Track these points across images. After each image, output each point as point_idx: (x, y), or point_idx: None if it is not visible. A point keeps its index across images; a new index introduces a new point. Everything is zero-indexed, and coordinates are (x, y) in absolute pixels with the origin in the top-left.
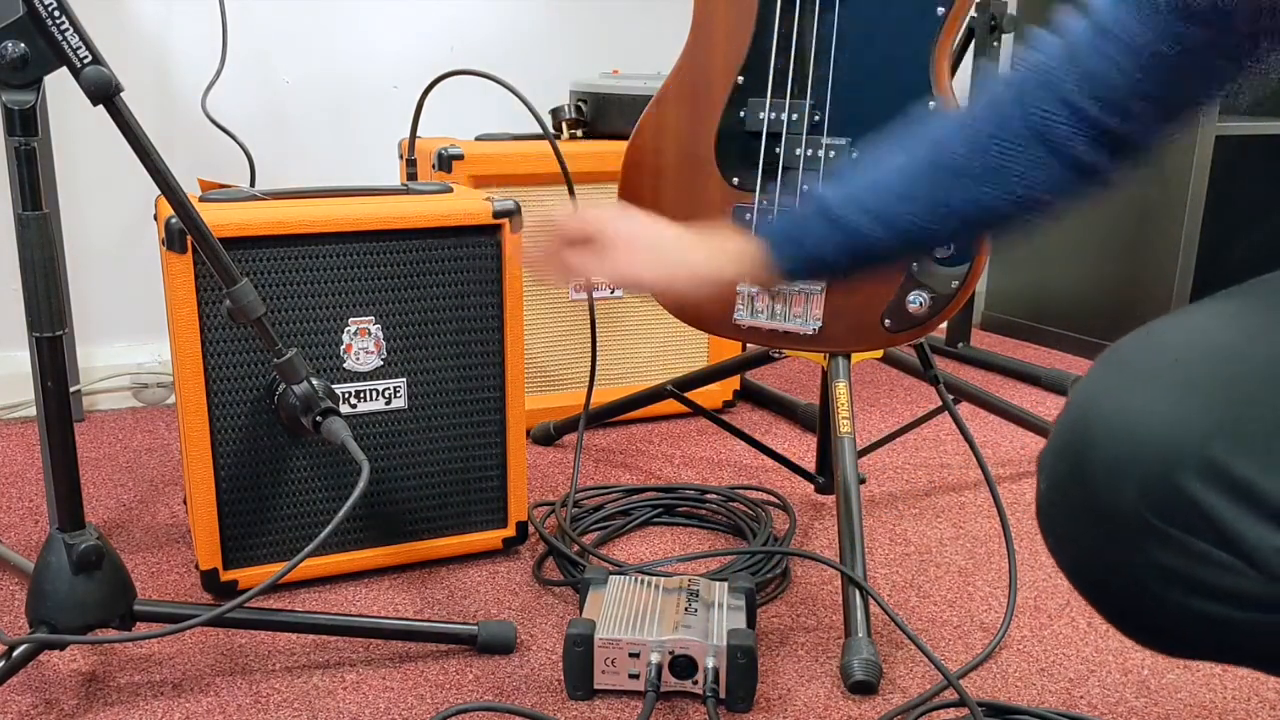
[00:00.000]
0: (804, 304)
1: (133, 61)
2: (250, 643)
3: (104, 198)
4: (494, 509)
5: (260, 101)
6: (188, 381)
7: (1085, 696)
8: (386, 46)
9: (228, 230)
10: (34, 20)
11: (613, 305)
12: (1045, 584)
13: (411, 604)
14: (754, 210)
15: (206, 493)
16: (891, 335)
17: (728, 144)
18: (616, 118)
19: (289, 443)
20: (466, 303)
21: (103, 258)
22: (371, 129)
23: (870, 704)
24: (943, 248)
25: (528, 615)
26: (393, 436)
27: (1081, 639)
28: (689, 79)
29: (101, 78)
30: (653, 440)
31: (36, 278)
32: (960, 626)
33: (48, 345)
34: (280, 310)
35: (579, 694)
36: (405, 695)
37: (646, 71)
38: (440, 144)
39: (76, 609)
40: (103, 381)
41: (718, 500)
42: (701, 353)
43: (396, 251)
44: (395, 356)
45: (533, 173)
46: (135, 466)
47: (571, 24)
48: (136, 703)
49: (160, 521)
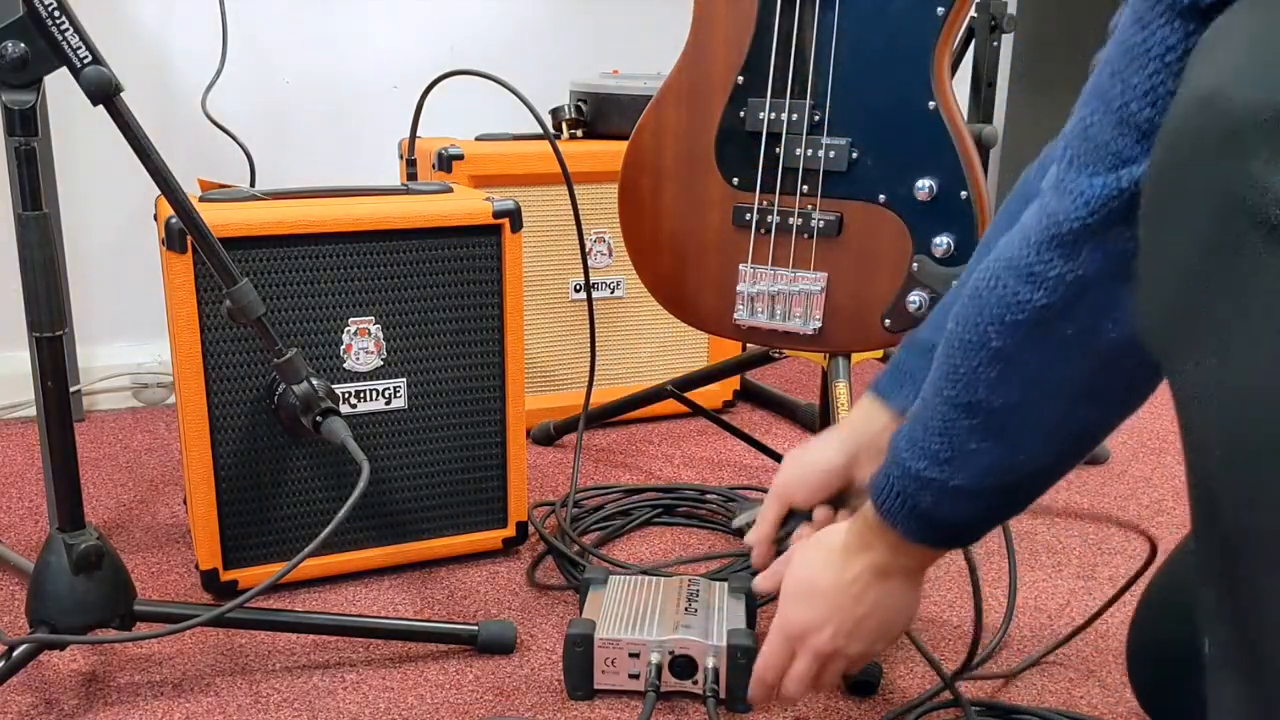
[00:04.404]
0: (804, 304)
1: (133, 61)
2: (250, 643)
3: (104, 198)
4: (494, 509)
5: (260, 101)
6: (188, 381)
7: (1085, 697)
8: (386, 46)
9: (228, 230)
10: (34, 20)
11: (613, 305)
12: (1045, 584)
13: (411, 604)
14: (754, 210)
15: (206, 493)
16: (891, 335)
17: (728, 144)
18: (616, 118)
19: (289, 443)
20: (466, 303)
21: (103, 258)
22: (371, 129)
23: (870, 704)
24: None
25: (528, 615)
26: (393, 436)
27: (1081, 639)
28: (689, 79)
29: (101, 78)
30: (653, 440)
31: (36, 278)
32: (960, 626)
33: (48, 345)
34: (280, 310)
35: (579, 694)
36: (405, 695)
37: (646, 71)
38: (440, 144)
39: (76, 609)
40: (103, 381)
41: (718, 500)
42: (701, 353)
43: (396, 251)
44: (395, 356)
45: (533, 173)
46: (135, 466)
47: (571, 24)
48: (136, 703)
49: (160, 521)
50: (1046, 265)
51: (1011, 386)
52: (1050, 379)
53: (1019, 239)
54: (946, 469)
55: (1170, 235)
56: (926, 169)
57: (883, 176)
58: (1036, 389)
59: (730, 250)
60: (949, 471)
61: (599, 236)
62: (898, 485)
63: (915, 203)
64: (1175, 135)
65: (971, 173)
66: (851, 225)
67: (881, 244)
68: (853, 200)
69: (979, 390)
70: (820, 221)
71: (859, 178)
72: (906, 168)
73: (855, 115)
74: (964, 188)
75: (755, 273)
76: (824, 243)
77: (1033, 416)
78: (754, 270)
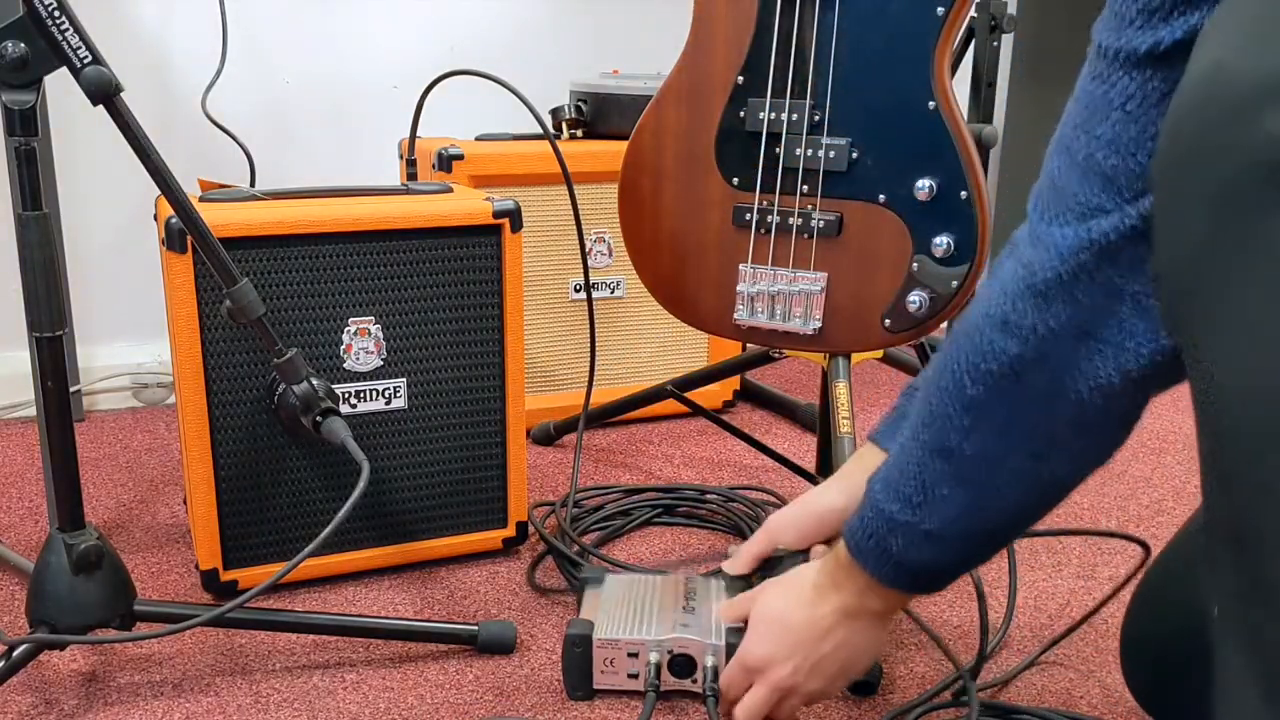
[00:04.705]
0: (804, 304)
1: (133, 61)
2: (250, 643)
3: (104, 198)
4: (494, 509)
5: (260, 101)
6: (188, 381)
7: (1085, 697)
8: (386, 46)
9: (228, 230)
10: (34, 20)
11: (613, 305)
12: (1045, 584)
13: (411, 604)
14: (754, 210)
15: (206, 493)
16: (891, 335)
17: (728, 144)
18: (616, 118)
19: (289, 443)
20: (466, 303)
21: (103, 258)
22: (371, 129)
23: (870, 704)
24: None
25: (528, 615)
26: (393, 436)
27: (1081, 639)
28: (689, 79)
29: (101, 78)
30: (653, 440)
31: (36, 278)
32: (960, 626)
33: (48, 345)
34: (280, 310)
35: (578, 694)
36: (405, 695)
37: (646, 71)
38: (440, 144)
39: (76, 609)
40: (103, 381)
41: (718, 500)
42: (701, 353)
43: (396, 251)
44: (395, 356)
45: (533, 173)
46: (135, 466)
47: (571, 24)
48: (136, 703)
49: (160, 521)
50: (1020, 315)
51: (983, 434)
52: (1021, 429)
53: (997, 289)
54: (918, 513)
55: (1186, 206)
56: (926, 169)
57: (883, 176)
58: (1007, 438)
59: (730, 250)
60: (920, 515)
61: (599, 236)
62: (870, 526)
63: (915, 203)
64: (1183, 114)
65: (972, 173)
66: (851, 225)
67: (881, 244)
68: (853, 200)
69: (951, 436)
70: (820, 221)
71: (859, 178)
72: (906, 168)
73: (855, 115)
74: (964, 188)
75: (755, 273)
76: (824, 243)
77: (1004, 465)
78: (754, 270)
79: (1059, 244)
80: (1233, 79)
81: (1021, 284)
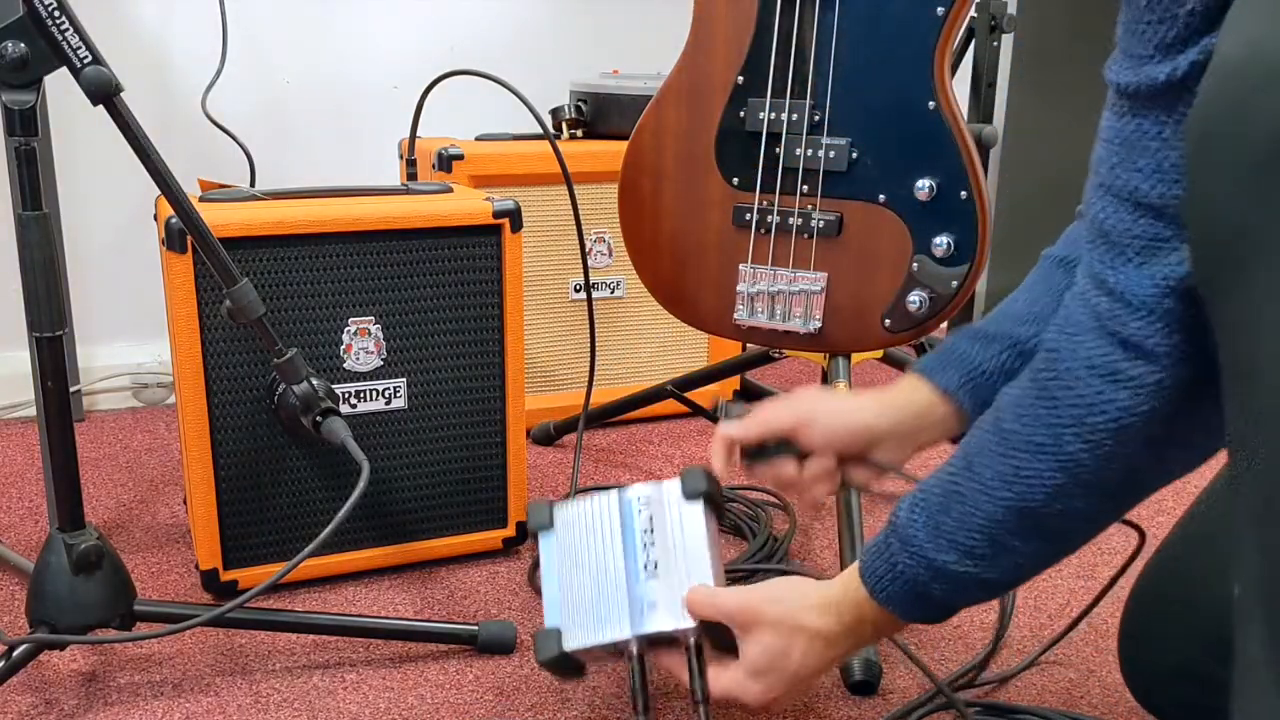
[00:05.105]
0: (804, 304)
1: (133, 61)
2: (250, 643)
3: (104, 198)
4: (494, 509)
5: (260, 101)
6: (188, 381)
7: (1085, 697)
8: (386, 46)
9: (228, 230)
10: (34, 20)
11: (613, 305)
12: (1045, 584)
13: (411, 604)
14: (754, 210)
15: (206, 493)
16: (891, 335)
17: (728, 144)
18: (616, 118)
19: (289, 443)
20: (466, 303)
21: (103, 258)
22: (371, 129)
23: (870, 704)
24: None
25: (528, 615)
26: (393, 436)
27: (1081, 638)
28: (689, 79)
29: (101, 78)
30: (653, 440)
31: (36, 278)
32: (960, 626)
33: (48, 345)
34: (280, 310)
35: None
36: (405, 695)
37: (646, 71)
38: (440, 144)
39: (76, 609)
40: (103, 381)
41: None
42: (701, 353)
43: (396, 251)
44: (395, 356)
45: (533, 173)
46: (135, 466)
47: (571, 24)
48: (136, 703)
49: (160, 521)
50: (1130, 365)
51: (1086, 495)
52: (1121, 482)
53: (1092, 339)
54: (981, 564)
55: (1216, 173)
56: (926, 169)
57: (883, 176)
58: (1105, 496)
59: (730, 250)
60: (982, 566)
61: (599, 236)
62: (909, 573)
63: (915, 203)
64: (1218, 87)
65: (972, 173)
66: (851, 225)
67: (881, 244)
68: (853, 200)
69: (1038, 495)
70: (820, 221)
71: (859, 178)
72: (906, 168)
73: (855, 115)
74: (964, 188)
75: (755, 273)
76: (824, 243)
77: (1094, 522)
78: (754, 270)
79: (1138, 293)
80: (1272, 50)
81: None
